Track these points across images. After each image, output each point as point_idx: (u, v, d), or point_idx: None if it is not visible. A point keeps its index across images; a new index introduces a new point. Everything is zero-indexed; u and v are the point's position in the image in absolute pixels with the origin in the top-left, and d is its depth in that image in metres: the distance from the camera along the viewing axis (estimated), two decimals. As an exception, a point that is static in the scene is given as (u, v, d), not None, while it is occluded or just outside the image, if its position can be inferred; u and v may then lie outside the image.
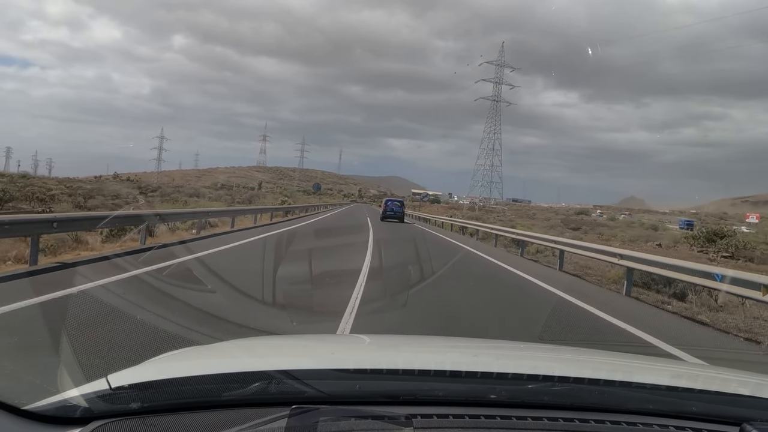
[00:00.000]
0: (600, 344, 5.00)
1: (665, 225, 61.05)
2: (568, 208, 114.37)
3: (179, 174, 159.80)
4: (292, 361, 1.62)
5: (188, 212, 17.35)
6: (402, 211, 35.54)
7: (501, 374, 1.48)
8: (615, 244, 24.72)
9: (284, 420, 1.16)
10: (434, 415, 1.28)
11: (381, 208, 38.26)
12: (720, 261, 22.93)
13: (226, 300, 6.24)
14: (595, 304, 8.13)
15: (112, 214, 11.00)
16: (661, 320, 7.72)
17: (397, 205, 35.99)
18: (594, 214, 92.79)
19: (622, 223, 61.22)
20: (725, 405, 1.45)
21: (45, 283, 6.42)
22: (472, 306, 7.57)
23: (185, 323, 4.50)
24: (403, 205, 36.97)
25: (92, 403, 1.24)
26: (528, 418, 1.30)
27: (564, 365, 1.75)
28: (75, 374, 2.49)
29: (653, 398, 1.43)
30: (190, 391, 1.31)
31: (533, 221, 55.61)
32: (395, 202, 37.03)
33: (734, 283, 7.18)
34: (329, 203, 75.31)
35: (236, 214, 20.17)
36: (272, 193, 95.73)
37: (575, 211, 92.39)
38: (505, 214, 71.35)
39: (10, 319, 4.85)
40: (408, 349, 2.12)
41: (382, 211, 36.13)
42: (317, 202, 66.48)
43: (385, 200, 39.86)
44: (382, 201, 39.72)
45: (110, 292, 6.22)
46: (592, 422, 1.32)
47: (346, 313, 5.99)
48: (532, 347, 2.95)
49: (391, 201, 37.75)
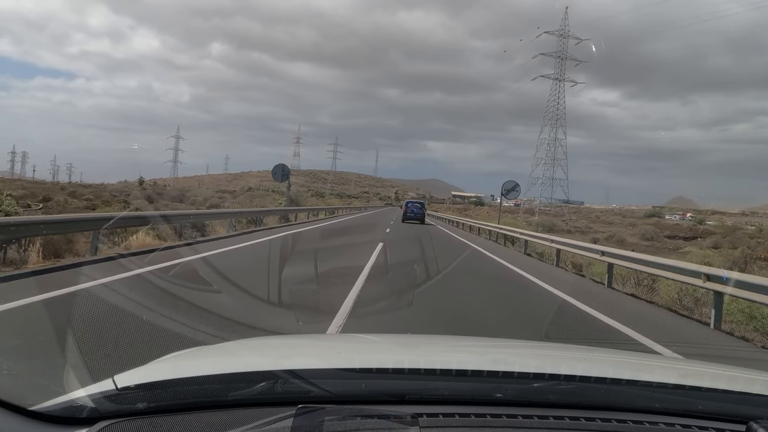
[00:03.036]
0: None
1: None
2: (631, 210, 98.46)
3: (210, 178, 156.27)
4: (298, 361, 1.62)
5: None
6: (423, 213, 36.80)
7: (507, 373, 1.48)
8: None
9: (290, 419, 1.16)
10: (440, 414, 1.27)
11: (402, 209, 40.59)
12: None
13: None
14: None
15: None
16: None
17: (417, 207, 37.37)
18: (674, 217, 79.15)
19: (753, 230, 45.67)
20: (732, 403, 1.43)
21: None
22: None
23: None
24: (423, 206, 38.38)
25: (99, 404, 1.24)
26: (534, 416, 1.30)
27: (570, 364, 1.72)
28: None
29: (660, 397, 1.42)
30: (197, 391, 1.31)
31: (611, 227, 45.37)
32: (416, 204, 38.52)
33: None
34: (354, 206, 66.90)
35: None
36: (272, 196, 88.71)
37: (645, 214, 80.00)
38: (569, 219, 60.01)
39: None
40: (414, 349, 2.11)
41: (402, 213, 37.83)
42: (339, 204, 59.99)
43: (405, 202, 42.49)
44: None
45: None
46: (598, 421, 1.31)
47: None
48: (538, 345, 3.04)
49: (411, 203, 39.42)
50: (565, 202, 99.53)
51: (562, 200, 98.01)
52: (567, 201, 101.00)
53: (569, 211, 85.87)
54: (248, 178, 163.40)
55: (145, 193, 40.50)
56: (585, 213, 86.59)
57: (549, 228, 36.43)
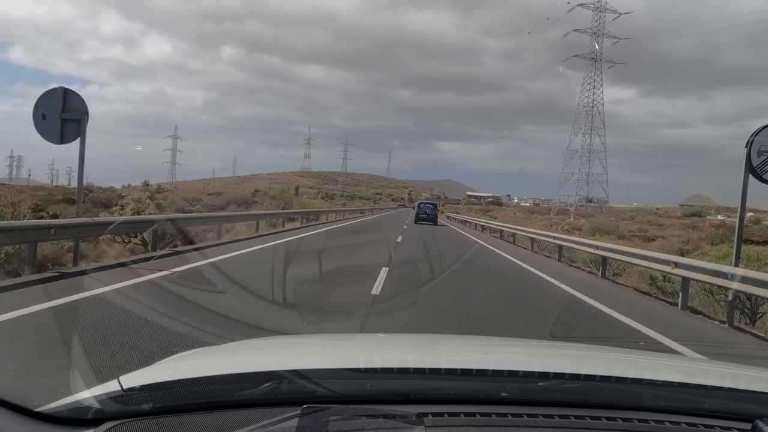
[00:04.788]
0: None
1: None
2: (664, 210, 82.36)
3: (218, 181, 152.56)
4: (303, 361, 1.62)
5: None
6: (435, 213, 36.62)
7: (512, 372, 1.48)
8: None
9: (295, 420, 1.16)
10: (445, 413, 1.28)
11: (414, 210, 40.87)
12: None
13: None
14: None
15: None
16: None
17: (430, 208, 37.19)
18: (718, 217, 69.16)
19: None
20: (738, 401, 1.43)
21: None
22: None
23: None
24: (435, 207, 38.29)
25: (104, 404, 1.25)
26: (539, 415, 1.30)
27: (575, 362, 1.72)
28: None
29: (665, 395, 1.42)
30: (202, 391, 1.31)
31: (666, 230, 39.10)
32: (428, 205, 38.37)
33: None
34: (355, 208, 60.37)
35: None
36: (273, 199, 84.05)
37: (683, 213, 71.97)
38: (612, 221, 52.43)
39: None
40: (419, 348, 2.10)
41: (415, 214, 37.80)
42: (338, 207, 55.83)
43: (418, 203, 42.41)
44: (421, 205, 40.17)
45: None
46: (603, 419, 1.31)
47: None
48: (543, 345, 2.99)
49: (423, 204, 39.29)
50: (589, 201, 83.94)
51: (586, 199, 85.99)
52: (590, 200, 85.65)
53: (606, 212, 73.59)
54: (257, 180, 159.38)
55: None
56: (616, 213, 73.35)
57: (605, 233, 29.70)
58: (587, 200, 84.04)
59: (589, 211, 76.14)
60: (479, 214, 65.31)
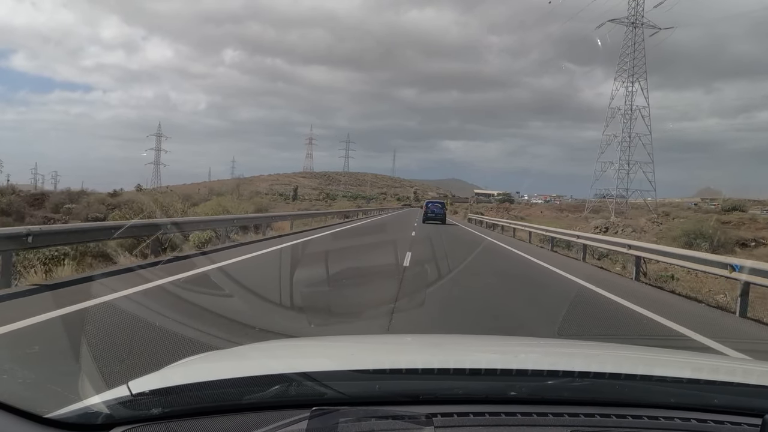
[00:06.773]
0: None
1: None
2: (695, 203, 68.66)
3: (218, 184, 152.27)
4: (312, 363, 1.62)
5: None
6: (443, 213, 36.73)
7: (521, 371, 1.48)
8: None
9: (305, 422, 1.17)
10: (454, 413, 1.27)
11: (422, 209, 40.35)
12: None
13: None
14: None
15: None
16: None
17: (438, 207, 37.26)
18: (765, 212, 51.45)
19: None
20: (747, 396, 1.42)
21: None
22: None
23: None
24: (443, 206, 38.25)
25: (114, 410, 1.25)
26: (548, 414, 1.29)
27: (584, 360, 1.72)
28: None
29: (675, 391, 1.41)
30: (211, 395, 1.31)
31: (736, 231, 34.63)
32: (436, 204, 38.46)
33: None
34: (343, 210, 42.97)
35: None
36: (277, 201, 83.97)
37: (722, 207, 52.85)
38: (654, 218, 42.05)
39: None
40: (427, 348, 2.10)
41: (423, 213, 37.98)
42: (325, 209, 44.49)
43: (425, 202, 42.46)
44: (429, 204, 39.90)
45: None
46: (613, 417, 1.30)
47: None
48: (551, 343, 2.99)
49: (431, 203, 39.44)
50: (603, 197, 67.21)
51: (623, 191, 64.19)
52: (604, 196, 67.14)
53: (653, 208, 59.14)
54: (258, 182, 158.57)
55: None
56: (645, 209, 60.27)
57: (702, 237, 20.72)
58: (603, 196, 67.80)
59: (628, 207, 62.75)
60: (499, 214, 56.87)
